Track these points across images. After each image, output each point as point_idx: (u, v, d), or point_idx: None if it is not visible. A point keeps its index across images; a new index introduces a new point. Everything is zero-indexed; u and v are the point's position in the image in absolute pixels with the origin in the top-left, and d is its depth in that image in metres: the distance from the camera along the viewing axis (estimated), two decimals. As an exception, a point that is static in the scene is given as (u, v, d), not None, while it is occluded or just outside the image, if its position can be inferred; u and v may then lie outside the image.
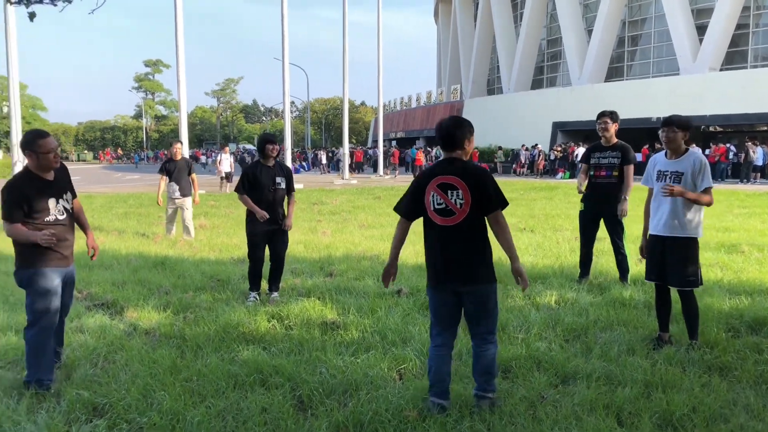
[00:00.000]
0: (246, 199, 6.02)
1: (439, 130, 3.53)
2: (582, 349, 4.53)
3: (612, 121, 6.48)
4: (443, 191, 3.41)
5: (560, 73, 42.39)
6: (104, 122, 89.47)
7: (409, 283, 6.51)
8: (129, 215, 13.73)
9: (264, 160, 6.08)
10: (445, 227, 3.44)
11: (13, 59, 17.57)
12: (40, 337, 3.91)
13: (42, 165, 3.94)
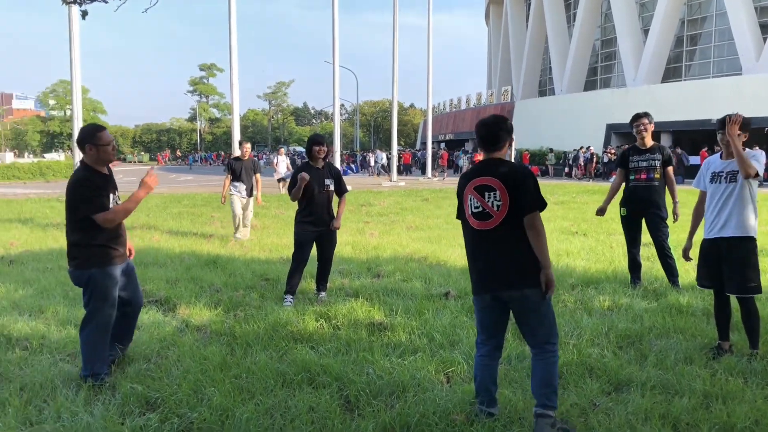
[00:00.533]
0: (294, 192, 5.92)
1: (481, 128, 3.40)
2: (636, 357, 4.39)
3: (650, 122, 6.32)
4: (480, 194, 3.29)
5: (614, 74, 41.41)
6: (160, 125, 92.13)
7: (457, 285, 6.45)
8: (183, 215, 14.08)
9: (313, 162, 6.10)
10: (482, 231, 3.30)
11: (76, 64, 18.28)
12: (97, 333, 4.01)
13: (101, 158, 4.02)
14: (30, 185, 29.53)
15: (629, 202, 6.40)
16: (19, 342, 4.77)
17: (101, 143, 3.98)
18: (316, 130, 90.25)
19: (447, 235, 10.34)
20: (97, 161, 4.03)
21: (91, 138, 3.97)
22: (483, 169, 3.35)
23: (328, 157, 6.25)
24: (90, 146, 3.97)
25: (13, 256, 8.42)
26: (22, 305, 5.84)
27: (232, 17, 20.85)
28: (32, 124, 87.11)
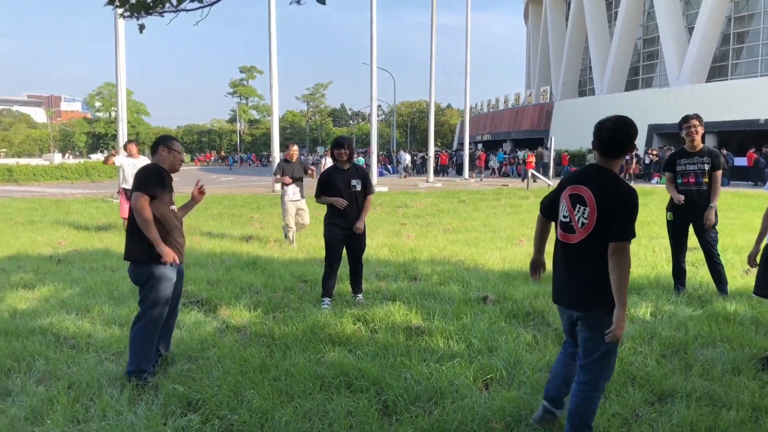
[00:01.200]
0: (323, 198, 6.04)
1: (604, 130, 3.00)
2: (681, 366, 4.28)
3: (700, 124, 6.11)
4: (572, 203, 3.03)
5: (657, 74, 40.51)
6: (201, 126, 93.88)
7: (495, 290, 6.39)
8: (223, 216, 14.30)
9: (339, 164, 6.14)
10: (564, 243, 3.09)
11: (121, 67, 18.75)
12: (147, 330, 4.12)
13: (172, 162, 4.28)
14: (77, 185, 30.45)
15: (676, 206, 6.23)
16: (67, 340, 4.91)
17: (175, 149, 4.27)
18: (353, 131, 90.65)
19: (484, 237, 10.26)
20: (165, 163, 4.26)
21: (167, 141, 4.26)
22: (586, 175, 3.06)
23: (353, 158, 6.25)
24: (164, 148, 4.23)
25: (61, 256, 8.68)
26: (70, 304, 6.01)
27: (272, 20, 21.12)
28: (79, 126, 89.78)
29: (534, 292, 6.25)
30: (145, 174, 4.12)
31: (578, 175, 3.13)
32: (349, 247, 6.14)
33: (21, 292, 6.54)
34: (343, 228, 6.04)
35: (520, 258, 8.26)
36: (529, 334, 5.00)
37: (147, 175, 4.11)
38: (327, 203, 6.06)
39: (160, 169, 4.21)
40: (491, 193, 21.12)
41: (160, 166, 4.25)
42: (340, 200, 5.94)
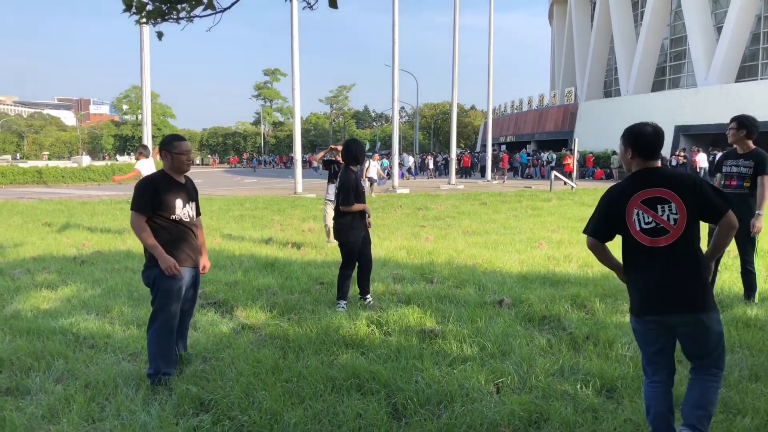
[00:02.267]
0: (356, 206, 6.03)
1: (650, 135, 3.06)
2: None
3: (736, 127, 5.91)
4: (651, 207, 2.99)
5: (684, 74, 39.87)
6: (226, 128, 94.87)
7: (511, 293, 6.35)
8: (244, 217, 14.44)
9: (355, 167, 6.18)
10: (657, 248, 2.99)
11: (146, 71, 19.03)
12: (162, 333, 4.15)
13: (175, 166, 4.22)
14: (103, 187, 30.98)
15: None
16: (86, 340, 5.01)
17: (176, 152, 4.20)
18: (376, 133, 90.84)
19: (504, 240, 10.20)
20: (171, 168, 4.24)
21: (167, 146, 4.21)
22: (648, 180, 3.04)
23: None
24: (165, 153, 4.20)
25: (85, 257, 8.84)
26: (91, 305, 6.13)
27: (294, 23, 21.26)
28: (107, 129, 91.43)
29: (551, 295, 6.21)
30: (136, 192, 4.14)
31: (636, 183, 3.07)
32: (363, 248, 6.19)
33: (44, 292, 6.68)
34: (361, 230, 6.13)
35: (539, 261, 8.20)
36: (544, 338, 4.96)
37: (138, 194, 4.13)
38: (358, 210, 6.06)
39: (153, 182, 4.18)
40: (513, 195, 20.98)
41: (155, 176, 4.25)
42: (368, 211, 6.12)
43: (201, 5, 3.26)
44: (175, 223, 4.18)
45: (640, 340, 3.16)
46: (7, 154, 78.50)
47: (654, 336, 3.08)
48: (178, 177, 4.28)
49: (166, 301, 4.15)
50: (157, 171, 4.34)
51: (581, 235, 10.75)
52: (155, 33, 3.66)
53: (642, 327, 3.10)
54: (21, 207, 17.47)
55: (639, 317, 3.08)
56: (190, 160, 4.30)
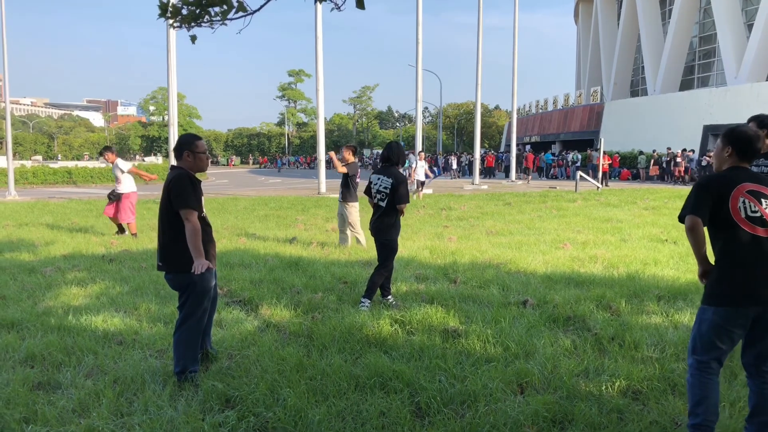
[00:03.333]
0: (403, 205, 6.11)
1: (750, 137, 3.17)
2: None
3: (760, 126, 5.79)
4: (756, 199, 3.09)
5: (713, 73, 39.20)
6: (251, 129, 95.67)
7: (536, 294, 6.32)
8: (269, 217, 14.54)
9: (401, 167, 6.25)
10: (762, 238, 3.06)
11: (173, 72, 19.30)
12: (190, 333, 4.20)
13: (198, 165, 4.26)
14: (131, 187, 31.41)
15: None
16: (114, 337, 5.10)
17: (198, 151, 4.23)
18: (399, 133, 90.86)
19: (528, 241, 10.14)
20: (193, 167, 4.25)
21: (190, 145, 4.21)
22: (746, 176, 3.16)
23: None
24: (188, 153, 4.21)
25: (113, 255, 9.00)
26: (119, 302, 6.24)
27: (319, 25, 21.37)
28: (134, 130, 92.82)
29: (576, 296, 6.16)
30: (185, 188, 4.08)
31: (738, 176, 3.15)
32: None
33: (74, 289, 6.82)
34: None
35: (563, 262, 8.13)
36: (568, 339, 4.93)
37: (187, 191, 4.07)
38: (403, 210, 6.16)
39: (192, 180, 4.17)
40: (538, 195, 20.82)
41: (189, 174, 4.21)
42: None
43: (232, 8, 3.31)
44: (205, 221, 4.24)
45: (715, 335, 3.11)
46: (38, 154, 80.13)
47: (739, 327, 3.09)
48: (197, 175, 4.34)
49: (199, 304, 4.18)
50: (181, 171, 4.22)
51: (606, 235, 10.66)
52: (189, 36, 3.72)
53: (730, 320, 3.08)
54: (52, 206, 17.84)
55: (737, 306, 3.06)
56: (208, 159, 4.38)
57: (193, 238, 4.01)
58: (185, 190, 4.07)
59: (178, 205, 4.04)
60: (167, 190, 4.13)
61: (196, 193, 4.14)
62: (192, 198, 4.07)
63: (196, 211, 4.07)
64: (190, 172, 4.23)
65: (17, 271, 7.82)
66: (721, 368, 3.22)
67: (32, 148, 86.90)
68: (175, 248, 4.12)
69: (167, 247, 4.17)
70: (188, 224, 4.02)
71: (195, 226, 4.03)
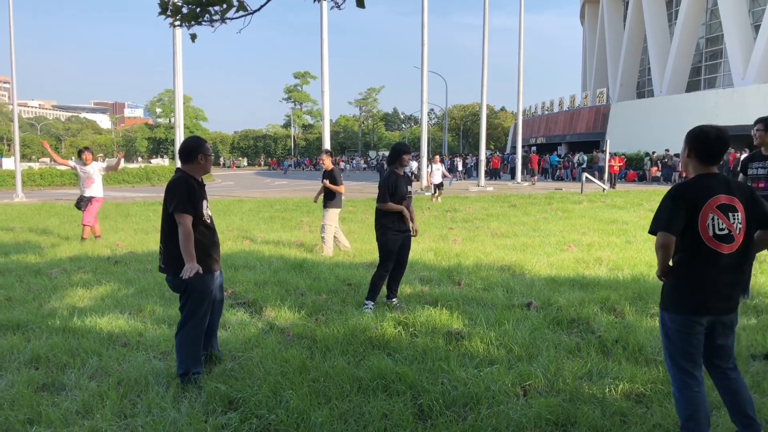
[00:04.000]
0: (392, 206, 6.07)
1: (720, 141, 3.04)
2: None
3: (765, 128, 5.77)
4: (724, 214, 3.00)
5: (720, 74, 39.05)
6: (257, 131, 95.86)
7: (540, 296, 6.30)
8: (274, 219, 14.57)
9: (398, 169, 6.21)
10: (720, 254, 3.01)
11: (179, 74, 19.36)
12: (192, 335, 4.21)
13: (206, 167, 4.30)
14: (138, 189, 31.60)
15: None
16: (119, 338, 5.12)
17: (208, 154, 4.30)
18: (405, 135, 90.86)
19: (533, 243, 10.12)
20: (201, 170, 4.29)
21: (203, 148, 4.27)
22: (718, 185, 3.04)
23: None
24: (202, 156, 4.25)
25: (119, 257, 9.04)
26: (124, 304, 6.26)
27: (324, 26, 21.40)
28: (141, 132, 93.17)
29: (580, 298, 6.15)
30: (179, 192, 4.09)
31: (708, 187, 3.03)
32: (401, 250, 6.21)
33: (80, 291, 6.85)
34: (401, 232, 6.18)
35: (568, 264, 8.12)
36: (572, 341, 4.91)
37: (181, 194, 4.08)
38: (395, 210, 6.08)
39: (192, 184, 4.17)
40: (543, 197, 20.78)
41: (188, 178, 4.20)
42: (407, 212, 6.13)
43: (232, 7, 3.32)
44: (205, 225, 4.24)
45: (682, 340, 3.10)
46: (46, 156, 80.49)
47: (699, 334, 3.09)
48: (198, 178, 4.33)
49: (198, 306, 4.20)
50: (181, 174, 4.24)
51: (611, 237, 10.62)
52: (189, 35, 3.74)
53: (688, 326, 3.07)
54: (59, 208, 17.92)
55: (691, 316, 3.06)
56: (212, 161, 4.41)
57: (184, 241, 4.03)
58: (180, 193, 4.10)
59: (173, 208, 4.08)
60: (167, 192, 4.17)
61: (194, 197, 4.15)
62: (186, 202, 4.09)
63: (189, 215, 4.08)
64: (190, 176, 4.24)
65: (24, 273, 7.86)
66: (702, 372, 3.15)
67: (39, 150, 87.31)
68: (174, 251, 4.13)
69: (167, 249, 4.20)
70: (180, 227, 4.06)
71: (187, 230, 4.04)
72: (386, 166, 6.36)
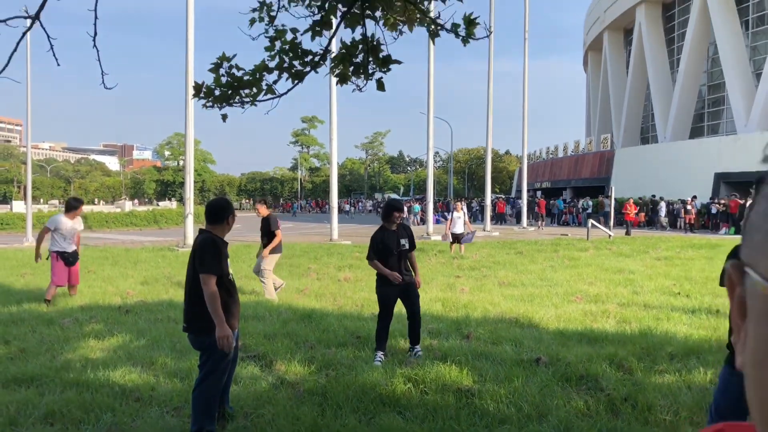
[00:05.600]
0: (377, 264, 6.33)
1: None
2: None
3: None
4: None
5: (723, 121, 39.47)
6: (264, 173, 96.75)
7: (548, 351, 6.34)
8: (281, 266, 14.62)
9: (388, 225, 6.40)
10: None
11: (190, 122, 19.75)
12: (209, 393, 4.27)
13: (231, 227, 4.52)
14: (145, 232, 31.81)
15: None
16: (132, 393, 5.17)
17: (233, 215, 4.51)
18: (410, 177, 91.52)
19: (540, 293, 10.17)
20: (226, 231, 4.49)
21: (232, 210, 4.49)
22: None
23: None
24: (232, 217, 4.47)
25: (129, 306, 9.13)
26: (136, 356, 6.33)
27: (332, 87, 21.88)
28: (149, 174, 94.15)
29: (588, 354, 6.18)
30: (209, 253, 4.22)
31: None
32: (405, 301, 6.38)
33: (92, 342, 6.93)
34: (394, 285, 6.27)
35: (576, 316, 8.15)
36: (581, 399, 4.95)
37: (213, 255, 4.22)
38: (381, 272, 6.30)
39: (219, 244, 4.33)
40: (550, 243, 20.82)
41: (216, 238, 4.36)
42: (394, 275, 6.23)
43: (262, 91, 3.52)
44: (230, 283, 4.38)
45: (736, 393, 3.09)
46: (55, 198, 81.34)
47: None
48: (223, 237, 4.49)
49: (219, 364, 4.27)
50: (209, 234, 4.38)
51: (618, 288, 10.68)
52: (220, 115, 3.94)
53: None
54: (68, 253, 18.05)
55: None
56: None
57: (211, 303, 4.14)
58: (210, 254, 4.23)
59: (200, 269, 4.19)
60: (194, 253, 4.28)
61: (220, 257, 4.28)
62: (215, 263, 4.21)
63: (215, 276, 4.20)
64: (217, 236, 4.39)
65: (36, 322, 7.95)
66: None
67: (49, 192, 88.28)
68: (198, 310, 4.24)
69: (192, 308, 4.30)
70: (206, 288, 4.16)
71: (212, 291, 4.15)
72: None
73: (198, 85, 3.57)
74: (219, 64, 3.67)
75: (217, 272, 4.21)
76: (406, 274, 6.35)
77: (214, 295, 4.15)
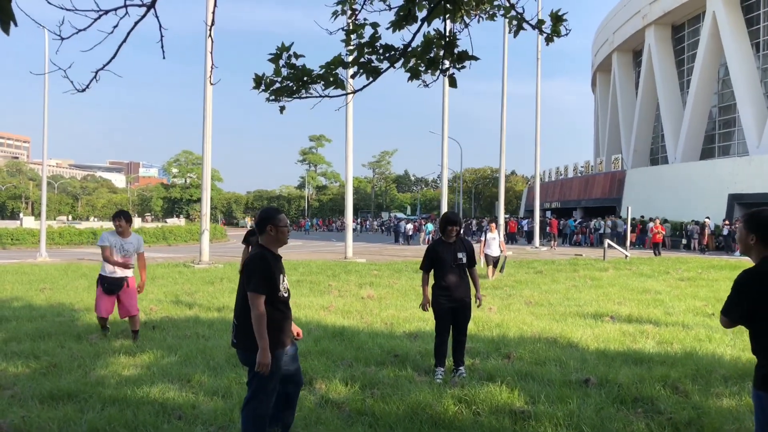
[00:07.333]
0: (423, 277, 6.37)
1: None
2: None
3: None
4: None
5: (735, 142, 39.38)
6: (270, 191, 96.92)
7: (596, 372, 6.15)
8: (302, 283, 14.48)
9: (446, 238, 6.33)
10: None
11: (208, 140, 19.74)
12: (258, 411, 4.08)
13: (279, 239, 4.21)
14: (154, 248, 31.73)
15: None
16: (174, 411, 5.01)
17: (281, 225, 4.20)
18: (416, 197, 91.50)
19: (571, 312, 9.98)
20: (275, 242, 4.21)
21: (273, 219, 4.18)
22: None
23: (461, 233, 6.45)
24: (271, 227, 4.17)
25: (155, 322, 8.98)
26: (170, 372, 6.16)
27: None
28: (156, 191, 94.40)
29: (639, 375, 5.99)
30: (256, 270, 4.03)
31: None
32: (454, 318, 6.27)
33: (123, 358, 6.77)
34: (449, 299, 6.22)
35: (614, 337, 7.96)
36: (641, 422, 4.76)
37: (260, 272, 4.02)
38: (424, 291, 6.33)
39: (269, 260, 4.11)
40: (567, 263, 20.63)
41: (265, 252, 4.15)
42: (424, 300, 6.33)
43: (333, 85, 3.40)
44: (281, 301, 4.17)
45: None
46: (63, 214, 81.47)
47: None
48: (275, 250, 4.30)
49: (267, 383, 4.09)
50: (259, 248, 4.20)
51: (650, 309, 10.48)
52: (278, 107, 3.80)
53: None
54: (84, 269, 17.97)
55: None
56: (289, 231, 4.35)
57: (257, 325, 3.96)
58: (258, 272, 4.04)
59: (247, 287, 4.03)
60: (246, 269, 4.13)
61: (270, 274, 4.07)
62: (262, 281, 4.01)
63: (264, 295, 4.02)
64: (268, 251, 4.17)
65: (64, 338, 7.80)
66: None
67: (56, 208, 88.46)
68: (246, 326, 4.07)
69: (241, 324, 4.13)
70: (253, 309, 3.98)
71: (259, 311, 3.97)
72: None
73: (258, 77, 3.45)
74: (278, 54, 3.53)
75: (264, 291, 4.00)
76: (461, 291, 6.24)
77: (260, 316, 3.96)
